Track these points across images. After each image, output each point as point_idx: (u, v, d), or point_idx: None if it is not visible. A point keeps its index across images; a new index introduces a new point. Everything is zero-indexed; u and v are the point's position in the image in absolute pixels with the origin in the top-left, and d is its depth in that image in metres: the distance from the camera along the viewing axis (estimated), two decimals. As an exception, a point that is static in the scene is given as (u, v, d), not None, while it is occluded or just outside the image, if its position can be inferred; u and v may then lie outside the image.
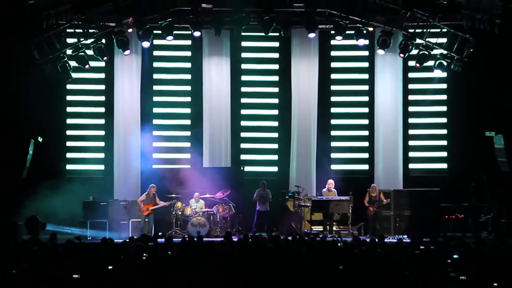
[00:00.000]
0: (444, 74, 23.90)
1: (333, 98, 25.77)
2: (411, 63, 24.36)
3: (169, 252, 13.71)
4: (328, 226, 22.80)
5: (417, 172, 25.33)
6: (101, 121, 25.44)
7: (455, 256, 13.20)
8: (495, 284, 12.43)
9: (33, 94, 23.36)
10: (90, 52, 22.79)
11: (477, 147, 24.10)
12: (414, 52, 23.05)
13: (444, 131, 25.40)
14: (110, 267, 12.72)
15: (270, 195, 23.15)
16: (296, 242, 14.87)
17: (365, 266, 12.51)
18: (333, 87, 25.77)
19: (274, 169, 25.68)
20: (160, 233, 17.02)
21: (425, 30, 22.68)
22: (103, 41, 22.87)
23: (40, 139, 23.35)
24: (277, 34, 23.79)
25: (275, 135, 25.76)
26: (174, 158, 25.35)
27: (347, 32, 23.08)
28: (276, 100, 25.80)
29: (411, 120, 25.49)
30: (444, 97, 25.42)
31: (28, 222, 21.12)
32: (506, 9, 21.39)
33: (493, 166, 23.17)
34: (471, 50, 22.36)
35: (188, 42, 25.52)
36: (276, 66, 25.88)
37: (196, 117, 25.38)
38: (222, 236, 16.24)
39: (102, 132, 25.41)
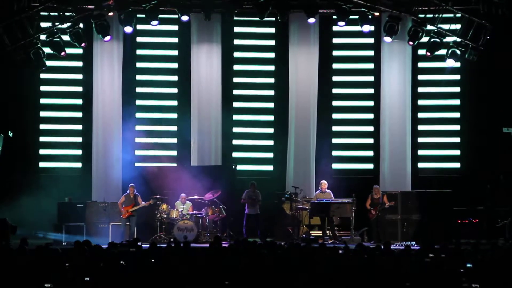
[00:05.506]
0: (458, 64, 23.87)
1: (334, 90, 25.76)
2: (421, 51, 24.35)
3: (153, 260, 13.67)
4: (328, 231, 22.79)
5: (426, 172, 25.33)
6: (79, 114, 25.41)
7: (468, 265, 13.18)
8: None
9: (2, 84, 23.28)
10: (66, 37, 22.75)
11: (493, 144, 24.09)
12: (425, 39, 23.05)
13: (457, 127, 25.40)
14: (86, 278, 12.66)
15: (259, 197, 23.11)
16: (293, 248, 14.85)
17: (368, 275, 12.48)
18: (334, 78, 25.76)
19: (269, 168, 25.68)
20: (139, 243, 16.71)
21: (437, 15, 22.71)
22: (81, 25, 22.85)
23: (10, 134, 23.27)
24: (274, 19, 23.85)
25: (271, 130, 25.74)
26: (159, 155, 25.35)
27: (351, 17, 23.11)
28: (271, 92, 25.79)
29: (420, 115, 25.50)
30: (457, 89, 25.42)
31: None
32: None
33: (511, 165, 23.17)
34: (488, 37, 22.37)
35: (175, 28, 25.48)
36: (272, 55, 25.86)
37: (184, 110, 25.35)
38: (211, 242, 16.19)
39: (79, 127, 25.38)
